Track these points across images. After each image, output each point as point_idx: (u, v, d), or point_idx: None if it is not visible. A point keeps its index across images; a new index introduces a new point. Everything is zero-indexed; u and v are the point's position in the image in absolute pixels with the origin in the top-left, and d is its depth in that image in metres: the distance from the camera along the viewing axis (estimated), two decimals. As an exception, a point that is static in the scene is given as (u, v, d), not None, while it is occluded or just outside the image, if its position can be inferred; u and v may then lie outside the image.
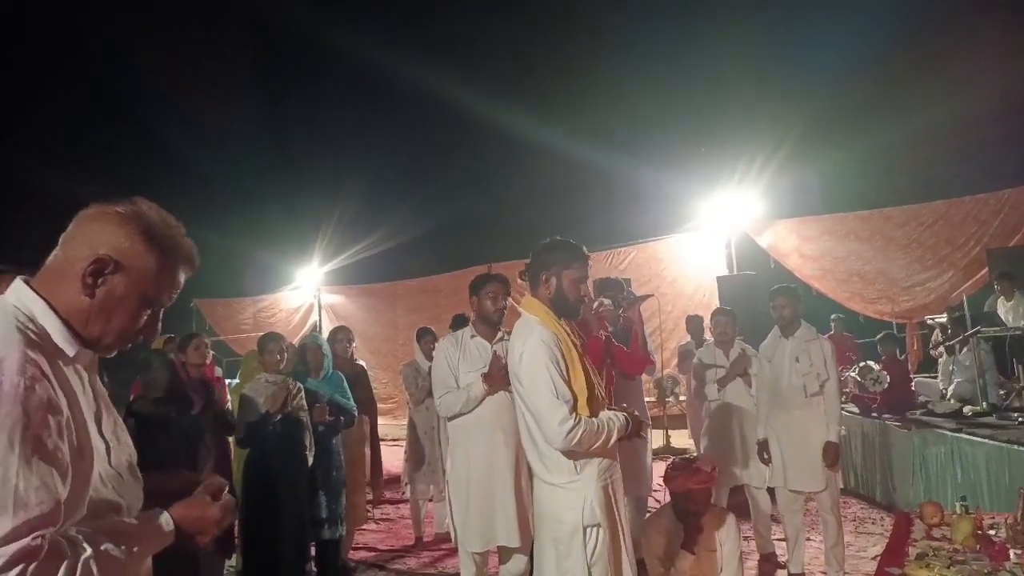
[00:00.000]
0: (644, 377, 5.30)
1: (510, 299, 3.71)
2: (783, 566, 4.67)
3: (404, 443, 6.55)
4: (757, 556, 4.85)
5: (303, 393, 4.51)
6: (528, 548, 3.36)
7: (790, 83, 12.61)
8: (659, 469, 5.31)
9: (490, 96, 13.88)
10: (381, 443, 7.76)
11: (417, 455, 6.07)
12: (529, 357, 2.66)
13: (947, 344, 6.79)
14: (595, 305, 3.97)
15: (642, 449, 4.94)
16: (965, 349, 6.39)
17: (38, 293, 1.29)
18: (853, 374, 6.60)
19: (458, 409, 3.62)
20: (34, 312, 1.27)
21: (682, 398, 9.00)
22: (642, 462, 4.92)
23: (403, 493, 6.85)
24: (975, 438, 5.06)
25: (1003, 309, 6.87)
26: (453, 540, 3.75)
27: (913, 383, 7.20)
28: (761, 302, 5.97)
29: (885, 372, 6.35)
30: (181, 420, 4.05)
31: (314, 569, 4.69)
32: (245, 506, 4.20)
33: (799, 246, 10.25)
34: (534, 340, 2.67)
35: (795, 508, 4.44)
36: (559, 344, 2.66)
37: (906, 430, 5.84)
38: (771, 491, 4.73)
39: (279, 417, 4.29)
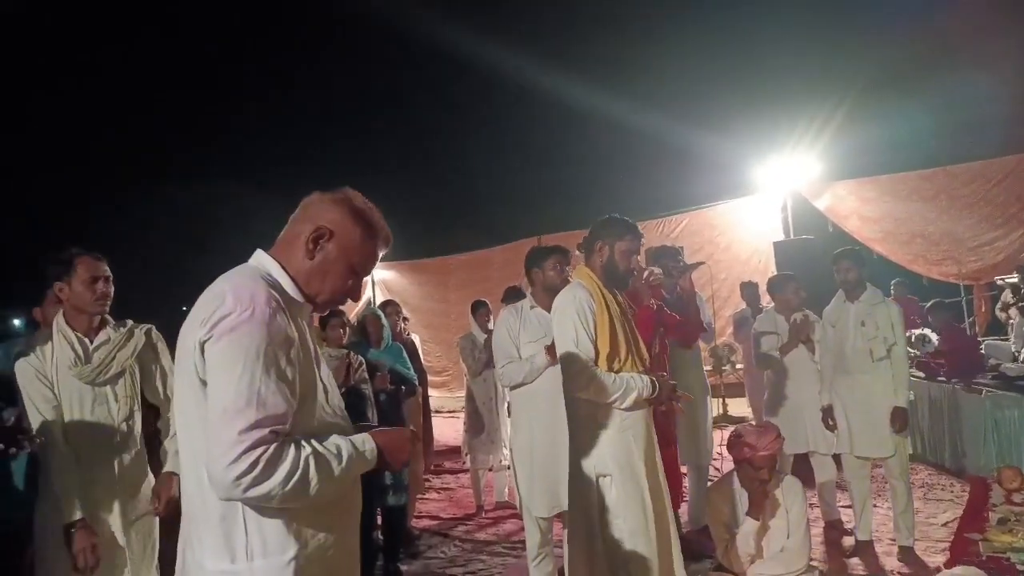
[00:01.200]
0: (701, 345, 5.25)
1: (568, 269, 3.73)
2: (849, 532, 4.61)
3: (460, 415, 6.65)
4: (822, 523, 4.79)
5: (364, 365, 4.60)
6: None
7: (848, 39, 12.16)
8: (717, 438, 5.29)
9: (540, 64, 13.73)
10: (434, 415, 7.92)
11: (476, 425, 6.15)
12: (559, 311, 2.92)
13: (1020, 304, 6.53)
14: (645, 275, 3.95)
15: (702, 418, 4.92)
16: (1040, 310, 6.14)
17: (274, 258, 1.60)
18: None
19: (520, 379, 3.66)
20: (270, 270, 1.58)
21: (739, 366, 8.89)
22: (702, 431, 4.90)
23: (463, 463, 6.97)
24: (1051, 401, 4.88)
25: (1079, 267, 6.57)
26: (518, 506, 3.81)
27: (983, 346, 6.96)
28: (819, 267, 5.83)
29: (932, 333, 6.16)
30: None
31: (380, 536, 4.80)
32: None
33: (859, 208, 9.93)
34: (567, 296, 2.92)
35: (862, 474, 4.37)
36: (590, 303, 2.86)
37: (976, 394, 5.67)
38: (836, 458, 4.66)
39: (343, 390, 4.38)
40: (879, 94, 10.69)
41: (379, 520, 4.75)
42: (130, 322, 2.90)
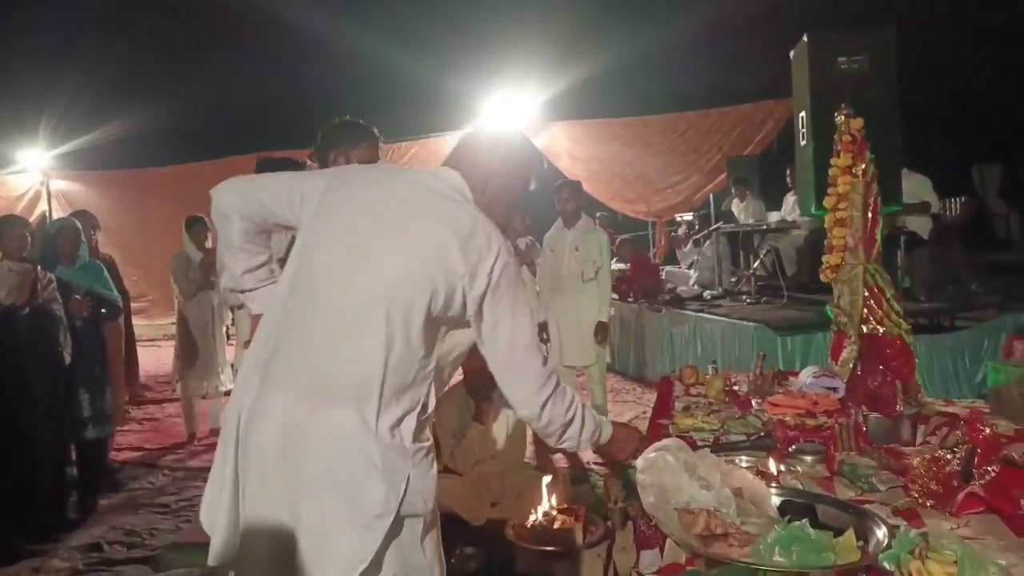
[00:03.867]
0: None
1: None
2: (555, 434, 5.18)
3: (162, 343, 6.13)
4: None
5: (55, 283, 3.98)
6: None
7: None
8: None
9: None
10: (136, 343, 7.20)
11: (190, 352, 5.71)
12: None
13: (694, 237, 7.73)
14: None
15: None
16: (708, 242, 7.33)
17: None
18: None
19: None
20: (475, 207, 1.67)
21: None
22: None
23: (173, 391, 6.47)
24: (713, 316, 5.90)
25: (737, 209, 7.93)
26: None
27: (664, 272, 8.14)
28: (537, 197, 6.30)
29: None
30: None
31: (75, 471, 4.31)
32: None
33: (569, 148, 10.81)
34: None
35: (568, 382, 4.88)
36: None
37: (657, 312, 6.64)
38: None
39: (27, 310, 3.76)
40: (589, 43, 11.54)
41: (73, 455, 4.26)
42: None
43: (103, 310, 4.37)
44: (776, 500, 1.52)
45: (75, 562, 3.57)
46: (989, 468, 1.64)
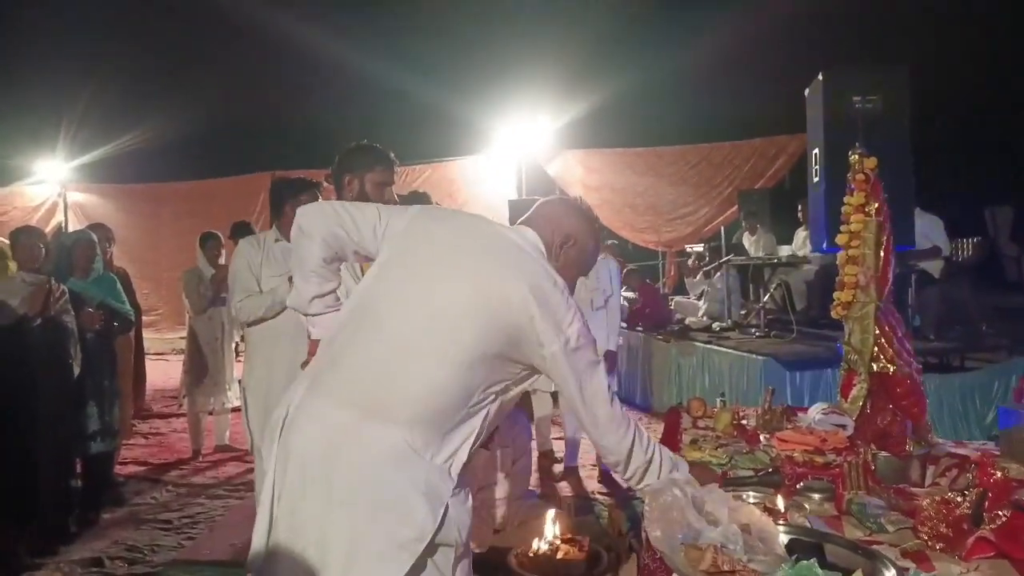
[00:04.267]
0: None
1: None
2: (559, 461, 5.15)
3: (170, 357, 6.15)
4: (537, 453, 5.29)
5: (67, 295, 4.02)
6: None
7: (581, 13, 13.02)
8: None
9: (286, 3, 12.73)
10: (145, 357, 7.23)
11: (198, 367, 5.72)
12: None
13: (705, 269, 7.74)
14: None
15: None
16: (718, 274, 7.33)
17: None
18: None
19: (261, 313, 3.44)
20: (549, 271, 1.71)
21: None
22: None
23: (180, 407, 6.47)
24: (721, 348, 5.88)
25: (748, 242, 7.94)
26: (250, 447, 3.63)
27: (672, 303, 8.13)
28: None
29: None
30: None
31: (79, 484, 4.30)
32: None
33: (583, 177, 10.88)
34: None
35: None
36: None
37: (665, 342, 6.62)
38: (554, 395, 5.15)
39: (39, 321, 3.79)
40: (603, 73, 11.65)
41: (79, 468, 4.26)
42: None
43: (115, 323, 4.39)
44: (784, 538, 1.51)
45: (75, 576, 3.56)
46: (1000, 512, 1.62)
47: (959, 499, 1.68)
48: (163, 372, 9.25)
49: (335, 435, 1.50)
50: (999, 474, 1.79)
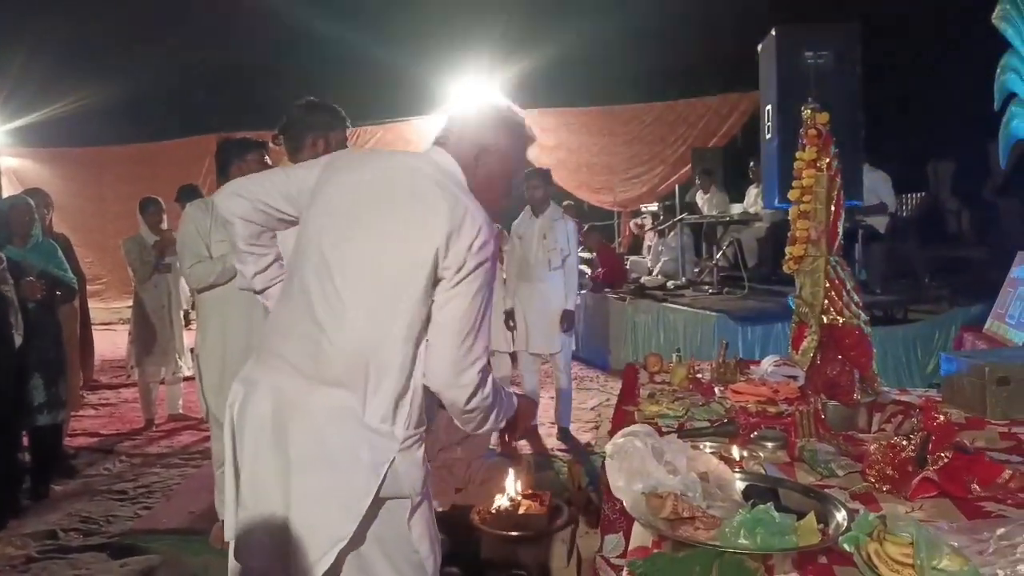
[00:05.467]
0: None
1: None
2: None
3: (117, 327, 5.98)
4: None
5: (5, 263, 3.85)
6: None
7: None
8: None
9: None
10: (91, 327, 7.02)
11: (146, 336, 5.58)
12: None
13: (658, 228, 7.81)
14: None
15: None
16: (672, 233, 7.41)
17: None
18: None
19: (212, 280, 3.35)
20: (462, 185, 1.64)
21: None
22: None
23: (128, 377, 6.32)
24: (676, 305, 5.98)
25: (701, 200, 8.02)
26: (204, 414, 3.56)
27: (628, 262, 8.20)
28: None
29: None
30: None
31: (27, 458, 4.20)
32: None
33: (539, 137, 10.74)
34: None
35: (533, 369, 4.94)
36: None
37: (621, 300, 6.70)
38: (512, 356, 5.18)
39: (-25, 291, 3.64)
40: (553, 30, 11.47)
41: (25, 441, 4.15)
42: None
43: (57, 292, 4.24)
44: (740, 485, 1.55)
45: (29, 549, 3.48)
46: (942, 454, 1.69)
47: (904, 443, 1.74)
48: (111, 342, 9.02)
49: (282, 401, 1.54)
50: (941, 418, 1.85)
